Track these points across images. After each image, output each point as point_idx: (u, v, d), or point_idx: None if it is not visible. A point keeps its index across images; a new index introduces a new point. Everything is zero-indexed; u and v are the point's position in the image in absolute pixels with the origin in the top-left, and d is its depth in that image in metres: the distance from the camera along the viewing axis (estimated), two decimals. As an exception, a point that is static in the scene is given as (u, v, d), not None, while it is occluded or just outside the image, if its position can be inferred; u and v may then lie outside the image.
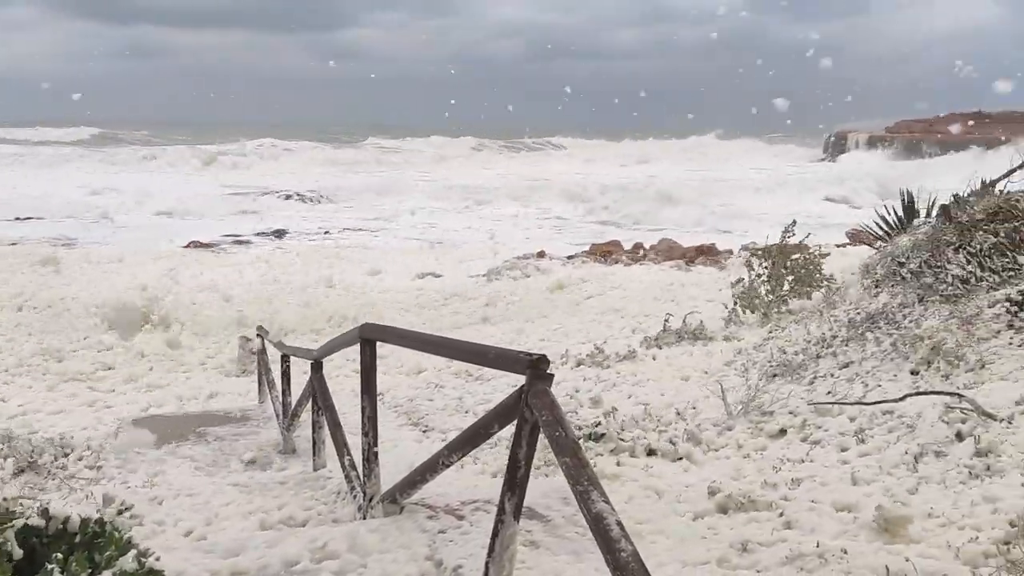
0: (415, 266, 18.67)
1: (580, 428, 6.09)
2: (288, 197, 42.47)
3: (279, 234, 30.54)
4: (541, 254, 19.20)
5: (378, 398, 8.45)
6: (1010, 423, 4.83)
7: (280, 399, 7.80)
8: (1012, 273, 6.91)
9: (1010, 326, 6.28)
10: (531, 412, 3.14)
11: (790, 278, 10.86)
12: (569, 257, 19.28)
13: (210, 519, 5.29)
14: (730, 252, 21.05)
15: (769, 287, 10.77)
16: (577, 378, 8.72)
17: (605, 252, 20.06)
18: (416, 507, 4.48)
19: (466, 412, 7.63)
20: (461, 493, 4.99)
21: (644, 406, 7.10)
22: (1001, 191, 9.95)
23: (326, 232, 31.76)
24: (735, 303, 10.82)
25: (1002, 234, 7.36)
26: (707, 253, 20.72)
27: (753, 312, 10.60)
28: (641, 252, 20.69)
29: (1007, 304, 6.46)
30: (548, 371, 3.21)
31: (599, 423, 6.14)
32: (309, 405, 6.49)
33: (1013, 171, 10.42)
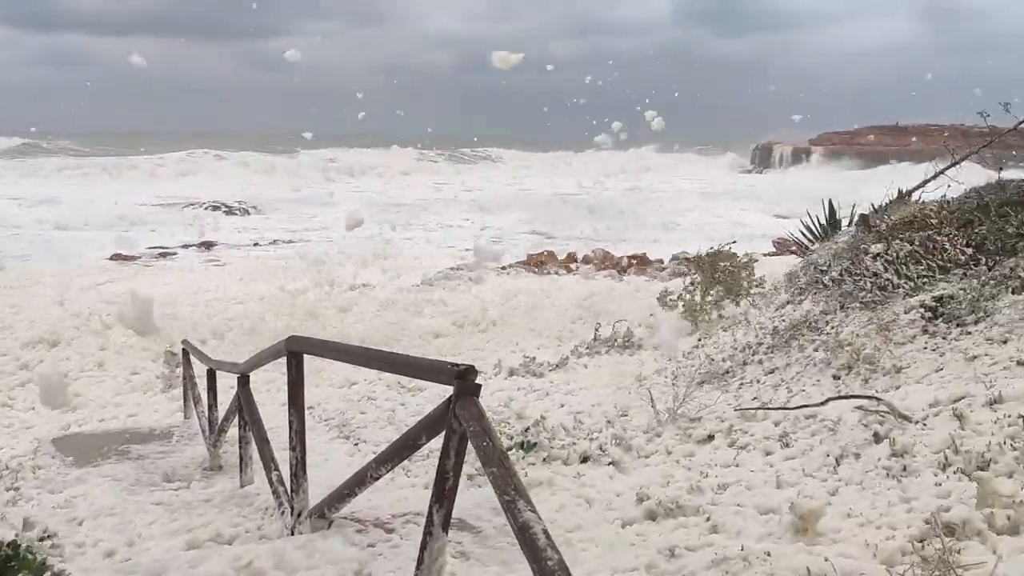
0: (347, 277, 18.49)
1: (512, 438, 6.11)
2: (217, 208, 41.57)
3: (207, 246, 29.85)
4: (475, 264, 19.21)
5: (308, 411, 8.33)
6: (924, 425, 5.00)
7: (206, 414, 7.62)
8: (926, 280, 7.17)
9: (924, 331, 6.52)
10: (459, 423, 3.14)
11: (719, 286, 11.08)
12: (503, 267, 19.32)
13: (132, 539, 5.13)
14: (661, 261, 21.39)
15: (699, 295, 10.96)
16: (511, 388, 8.74)
17: (539, 262, 20.16)
18: (345, 521, 4.42)
19: (399, 424, 7.56)
20: (392, 506, 4.95)
21: (576, 414, 7.16)
22: (916, 201, 10.35)
23: (256, 243, 31.18)
24: (665, 311, 10.99)
25: (916, 242, 7.64)
26: (640, 262, 21.00)
27: (682, 320, 10.77)
28: (575, 262, 20.86)
29: (921, 310, 6.70)
30: (476, 381, 3.21)
31: (531, 432, 6.17)
32: (236, 420, 6.35)
33: (927, 182, 10.86)
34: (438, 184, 57.60)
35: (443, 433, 3.28)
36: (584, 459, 5.62)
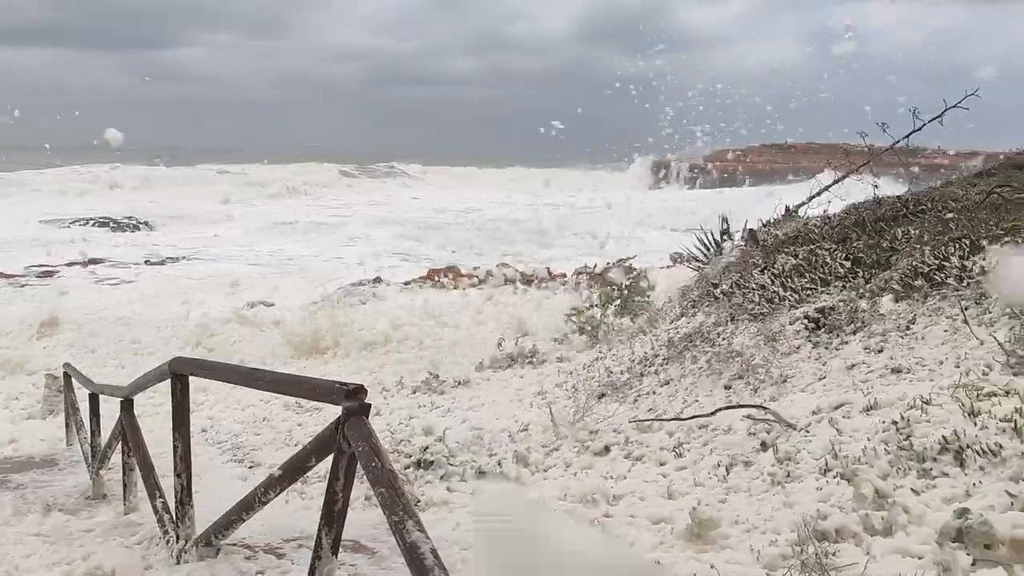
0: (245, 294, 18.03)
1: (410, 456, 6.05)
2: (106, 224, 39.89)
3: (94, 263, 28.57)
4: (377, 280, 19.01)
5: (200, 434, 8.09)
6: (808, 431, 5.20)
7: (89, 440, 7.27)
8: (809, 292, 7.48)
9: (808, 341, 6.80)
10: (348, 443, 3.09)
11: (618, 300, 11.31)
12: (406, 283, 19.18)
13: (10, 572, 4.84)
14: (565, 275, 21.65)
15: (599, 310, 11.15)
16: (412, 405, 8.68)
17: (442, 277, 20.13)
18: (234, 548, 4.28)
19: (295, 445, 7.38)
20: (285, 530, 4.83)
21: (477, 430, 7.15)
22: (801, 217, 10.80)
23: (147, 260, 30.05)
24: (566, 325, 11.13)
25: (800, 256, 7.96)
26: (542, 277, 21.21)
27: (583, 334, 10.93)
28: (479, 276, 20.91)
29: (805, 321, 6.98)
30: (366, 401, 3.17)
31: (430, 450, 6.12)
32: (120, 446, 6.08)
33: (811, 199, 11.35)
34: (347, 199, 56.76)
35: (332, 454, 3.22)
36: (481, 475, 5.61)
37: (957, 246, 6.74)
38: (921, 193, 9.12)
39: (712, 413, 5.98)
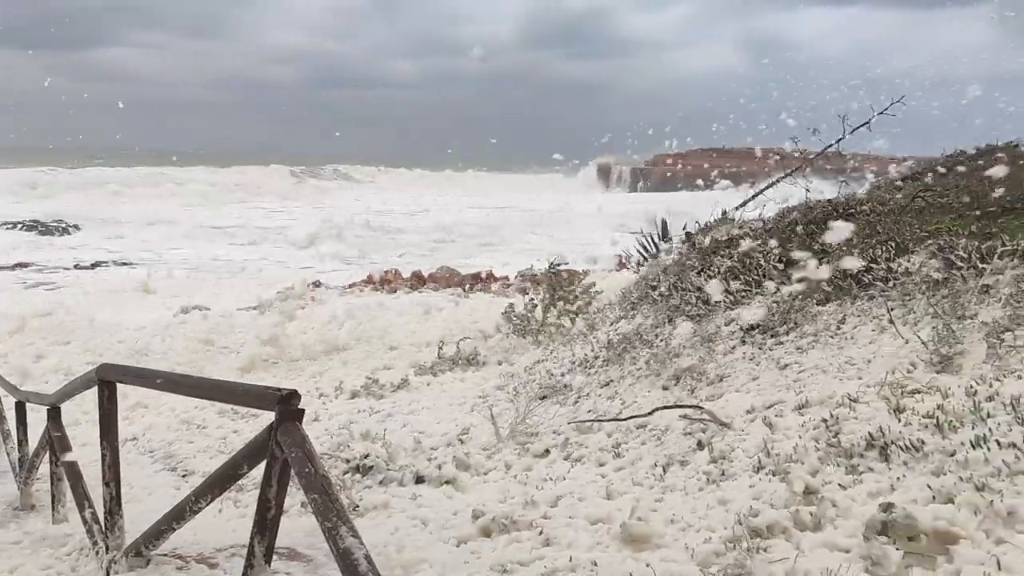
0: (181, 299, 17.66)
1: (349, 461, 6.00)
2: (33, 228, 38.62)
3: (21, 267, 27.64)
4: (316, 284, 18.78)
5: (132, 443, 7.89)
6: (742, 430, 5.30)
7: (16, 450, 7.03)
8: (744, 293, 7.63)
9: (743, 342, 6.93)
10: (280, 449, 3.05)
11: (560, 303, 11.35)
12: (348, 287, 18.99)
13: (-66, 588, 4.65)
14: (507, 279, 21.70)
15: (540, 312, 11.18)
16: (351, 410, 8.59)
17: (384, 281, 19.98)
18: (165, 558, 4.18)
19: (230, 453, 7.23)
20: (219, 539, 4.74)
21: (417, 435, 7.12)
22: (737, 220, 11.01)
23: (77, 264, 29.18)
24: (507, 328, 11.14)
25: (736, 258, 8.12)
26: (485, 280, 21.21)
27: (524, 337, 10.96)
28: (421, 280, 20.81)
29: (740, 322, 7.12)
30: (299, 406, 3.13)
31: (369, 455, 6.07)
32: (48, 456, 5.89)
33: (746, 202, 11.57)
34: (290, 202, 55.88)
35: (265, 461, 3.17)
36: (420, 480, 5.58)
37: (884, 248, 6.95)
38: (850, 197, 9.37)
39: (649, 413, 6.06)
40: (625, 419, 6.22)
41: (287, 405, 3.08)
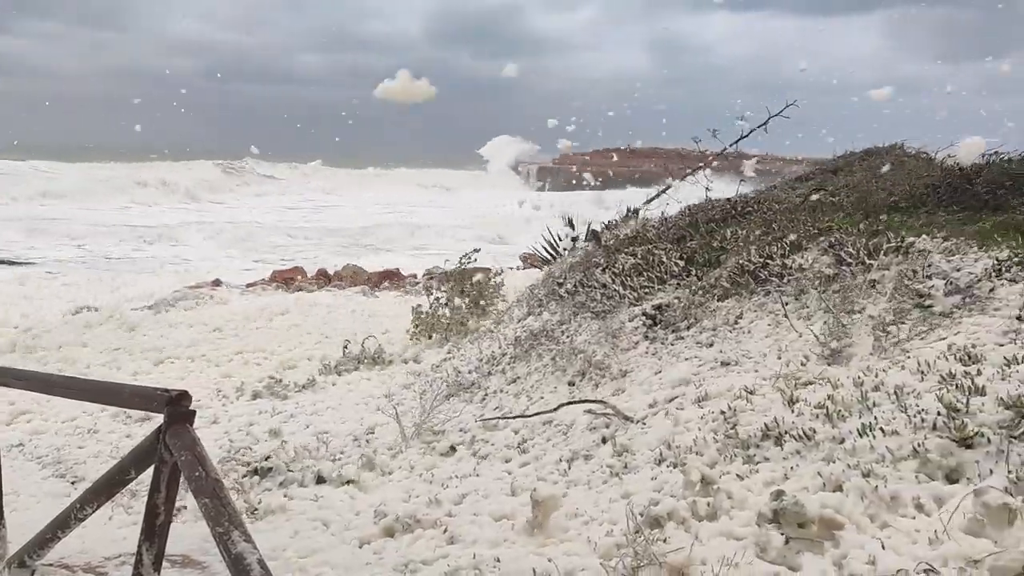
0: (71, 298, 16.85)
1: (249, 464, 5.83)
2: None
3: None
4: (216, 282, 18.19)
5: (17, 449, 7.48)
6: (644, 424, 5.40)
7: None
8: (647, 290, 7.77)
9: (646, 337, 7.06)
10: (170, 453, 2.94)
11: (468, 300, 11.33)
12: (248, 285, 18.44)
13: None
14: (415, 276, 21.53)
15: (448, 310, 11.14)
16: (253, 411, 8.36)
17: (287, 279, 19.52)
18: (50, 569, 3.98)
19: (124, 458, 6.96)
20: (108, 547, 4.55)
21: (321, 435, 6.99)
22: (641, 218, 11.22)
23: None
24: (414, 326, 11.05)
25: (639, 256, 8.26)
26: (392, 278, 20.98)
27: (432, 335, 10.89)
28: (325, 278, 20.43)
29: (643, 318, 7.25)
30: (190, 407, 3.02)
31: (270, 457, 5.92)
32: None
33: (650, 201, 11.82)
34: (198, 199, 53.88)
35: (154, 465, 3.05)
36: (322, 480, 5.48)
37: (779, 245, 7.18)
38: (748, 196, 9.67)
39: (555, 409, 6.11)
40: (531, 415, 6.26)
41: (177, 407, 2.97)
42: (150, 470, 3.17)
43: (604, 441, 5.34)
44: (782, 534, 3.27)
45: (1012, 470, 3.20)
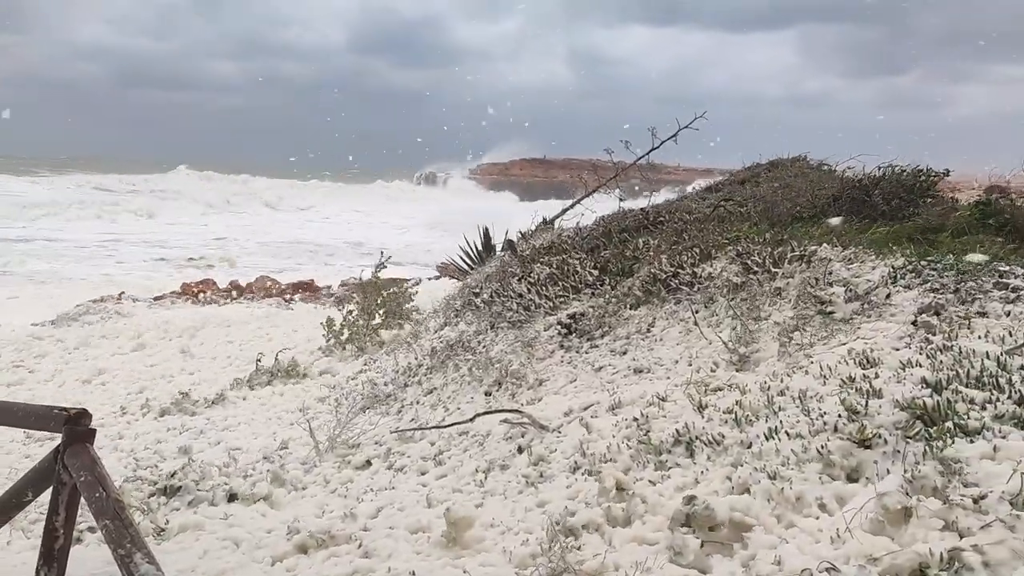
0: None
1: (155, 483, 5.63)
2: None
3: None
4: (121, 295, 17.56)
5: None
6: (560, 432, 5.44)
7: None
8: (562, 299, 7.85)
9: (561, 346, 7.13)
10: (69, 474, 2.82)
11: (383, 311, 11.22)
12: (156, 298, 17.87)
13: None
14: (329, 287, 21.23)
15: (363, 321, 11.01)
16: (160, 428, 8.08)
17: (198, 291, 18.99)
18: (-64, 602, 3.75)
19: (21, 480, 6.62)
20: (8, 573, 4.33)
21: (232, 451, 6.81)
22: (556, 228, 11.34)
23: None
24: (328, 338, 10.89)
25: (554, 265, 8.35)
26: (306, 289, 20.63)
27: (347, 347, 10.74)
28: (237, 290, 19.96)
29: (558, 327, 7.32)
30: (90, 426, 2.91)
31: (177, 475, 5.73)
32: None
33: (565, 211, 11.96)
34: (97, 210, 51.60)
35: (52, 487, 2.92)
36: (233, 498, 5.33)
37: (689, 255, 7.36)
38: (660, 206, 9.88)
39: (471, 419, 6.10)
40: (447, 426, 6.24)
41: (75, 426, 2.85)
42: (48, 492, 3.04)
43: (520, 451, 5.36)
44: (697, 537, 3.34)
45: (907, 469, 3.35)
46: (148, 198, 55.06)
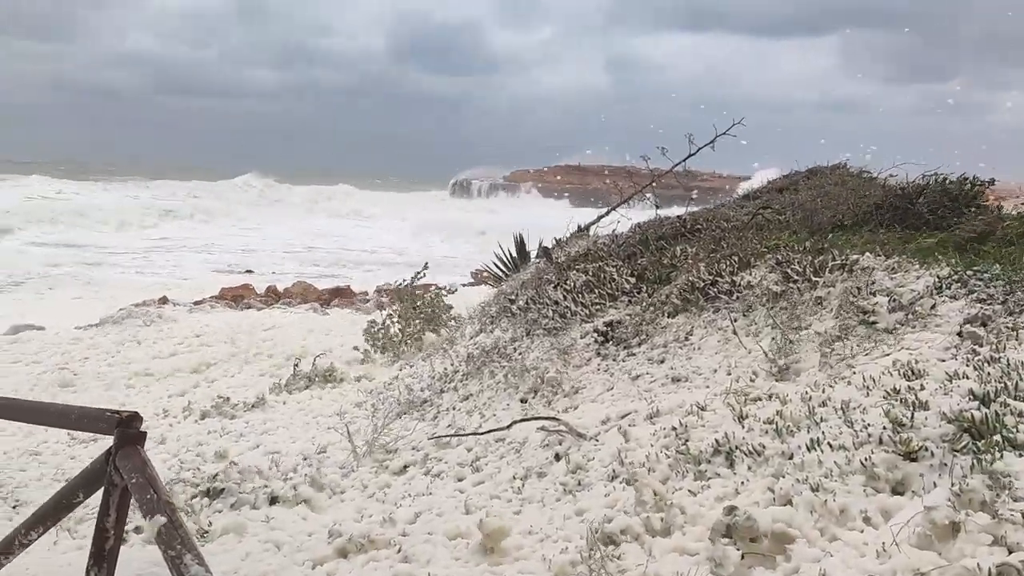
0: (10, 316, 16.37)
1: (198, 485, 5.72)
2: None
3: None
4: (164, 300, 17.84)
5: (-49, 474, 7.20)
6: (597, 440, 5.44)
7: None
8: (599, 307, 7.84)
9: (598, 354, 7.12)
10: (120, 476, 2.88)
11: (420, 317, 11.29)
12: (197, 302, 18.14)
13: None
14: (366, 293, 21.41)
15: (400, 327, 11.08)
16: (201, 431, 8.21)
17: (237, 296, 19.24)
18: (-10, 599, 3.84)
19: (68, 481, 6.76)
20: (55, 573, 4.43)
21: (272, 455, 6.89)
22: (591, 235, 11.33)
23: None
24: (369, 342, 10.97)
25: (590, 273, 8.34)
26: (343, 295, 20.82)
27: (383, 352, 10.82)
28: (275, 295, 20.20)
29: (595, 334, 7.31)
30: (141, 429, 2.97)
31: (220, 477, 5.82)
32: None
33: (601, 218, 11.93)
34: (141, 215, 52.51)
35: (103, 488, 2.98)
36: (274, 501, 5.40)
37: (728, 263, 7.31)
38: (697, 214, 9.82)
39: (508, 427, 6.11)
40: (484, 433, 6.25)
41: (127, 428, 2.91)
42: (98, 493, 3.10)
43: (557, 458, 5.36)
44: (738, 549, 3.32)
45: (955, 483, 3.30)
46: (213, 202, 56.14)
